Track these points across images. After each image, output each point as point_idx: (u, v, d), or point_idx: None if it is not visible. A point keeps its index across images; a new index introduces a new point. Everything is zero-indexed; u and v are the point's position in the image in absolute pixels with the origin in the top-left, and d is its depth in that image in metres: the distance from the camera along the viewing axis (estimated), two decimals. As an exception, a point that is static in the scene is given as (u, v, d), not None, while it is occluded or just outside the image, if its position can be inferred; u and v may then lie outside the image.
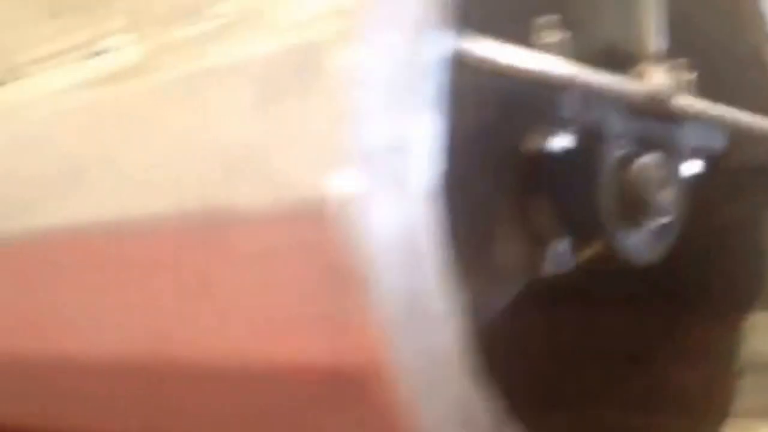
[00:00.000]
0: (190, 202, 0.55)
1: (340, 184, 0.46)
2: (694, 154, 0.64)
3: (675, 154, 0.61)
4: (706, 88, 0.64)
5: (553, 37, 0.54)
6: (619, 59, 0.58)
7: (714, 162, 0.67)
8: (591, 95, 0.55)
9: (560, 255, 0.59)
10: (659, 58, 0.58)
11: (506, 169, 0.55)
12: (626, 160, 0.58)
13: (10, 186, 0.68)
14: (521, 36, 0.52)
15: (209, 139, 0.55)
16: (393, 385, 0.47)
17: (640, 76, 0.57)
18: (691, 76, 0.63)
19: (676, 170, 0.61)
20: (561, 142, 0.55)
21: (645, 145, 0.59)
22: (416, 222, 0.46)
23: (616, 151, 0.58)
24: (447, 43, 0.46)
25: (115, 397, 0.64)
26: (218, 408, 0.59)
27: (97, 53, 0.67)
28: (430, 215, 0.47)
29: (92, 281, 0.62)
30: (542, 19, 0.54)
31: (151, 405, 0.62)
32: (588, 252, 0.59)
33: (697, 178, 0.66)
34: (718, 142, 0.66)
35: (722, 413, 0.66)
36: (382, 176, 0.46)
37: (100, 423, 0.67)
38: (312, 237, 0.48)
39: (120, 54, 0.65)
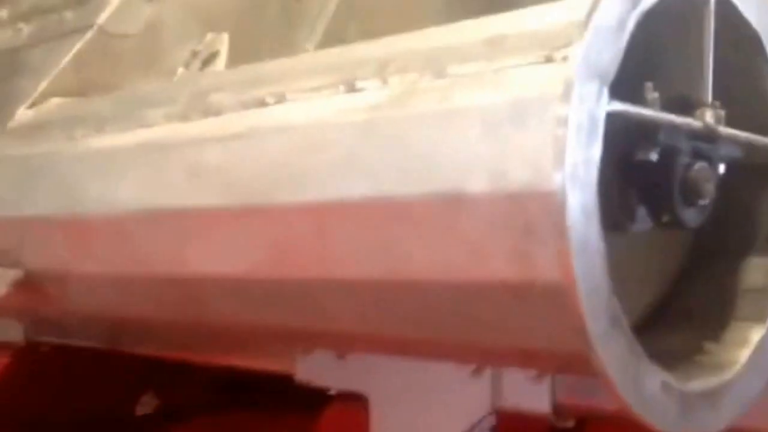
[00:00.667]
0: (436, 187, 0.94)
1: (546, 178, 0.85)
2: (723, 160, 1.04)
3: (714, 161, 1.01)
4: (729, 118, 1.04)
5: (652, 94, 0.93)
6: (687, 104, 0.97)
7: (734, 164, 1.07)
8: (671, 128, 0.95)
9: (645, 219, 0.99)
10: (709, 104, 0.98)
11: (623, 169, 0.94)
12: (688, 165, 0.98)
13: (291, 172, 1.07)
14: (637, 93, 0.92)
15: (448, 151, 0.94)
16: (569, 294, 0.86)
17: (699, 116, 0.96)
18: (722, 112, 1.02)
19: (715, 171, 1.01)
20: (653, 155, 0.94)
21: (698, 155, 0.99)
22: (586, 200, 0.85)
23: (682, 160, 0.97)
24: (607, 103, 0.85)
25: (380, 306, 1.03)
26: (443, 310, 0.98)
27: (350, 91, 1.06)
28: (593, 196, 0.86)
29: (359, 233, 1.01)
30: (647, 84, 0.93)
31: (401, 313, 1.02)
32: (662, 219, 0.99)
33: (724, 175, 1.05)
34: (736, 152, 1.05)
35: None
36: (570, 175, 0.84)
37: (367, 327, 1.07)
38: (521, 207, 0.88)
39: (370, 93, 1.03)
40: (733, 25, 1.01)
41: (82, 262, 1.36)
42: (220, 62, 1.69)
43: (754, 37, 1.03)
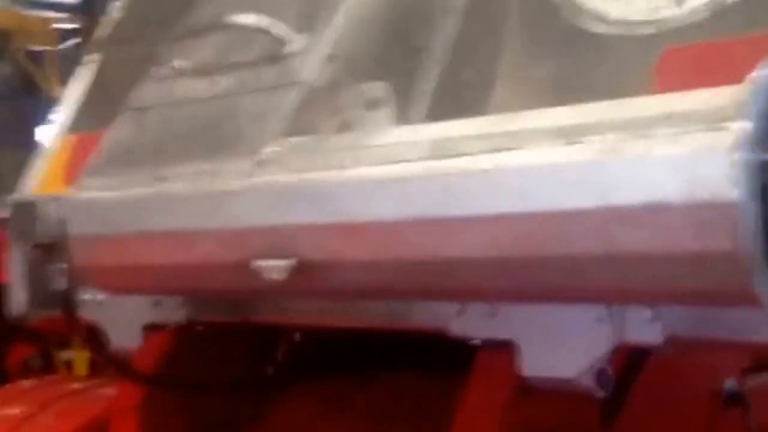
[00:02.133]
0: (646, 198, 1.61)
1: (729, 193, 1.52)
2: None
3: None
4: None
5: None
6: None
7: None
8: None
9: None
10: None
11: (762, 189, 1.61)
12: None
13: (532, 194, 1.73)
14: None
15: (654, 177, 1.60)
16: (742, 257, 1.54)
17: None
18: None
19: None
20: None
21: None
22: (749, 206, 1.52)
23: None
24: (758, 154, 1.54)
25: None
26: (648, 272, 1.65)
27: (571, 144, 1.71)
28: (753, 204, 1.53)
29: (588, 225, 1.67)
30: None
31: (615, 272, 1.68)
32: None
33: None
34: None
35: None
36: (743, 192, 1.52)
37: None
38: (711, 209, 1.55)
39: (589, 145, 1.68)
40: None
41: (347, 253, 1.99)
42: (384, 106, 2.22)
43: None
